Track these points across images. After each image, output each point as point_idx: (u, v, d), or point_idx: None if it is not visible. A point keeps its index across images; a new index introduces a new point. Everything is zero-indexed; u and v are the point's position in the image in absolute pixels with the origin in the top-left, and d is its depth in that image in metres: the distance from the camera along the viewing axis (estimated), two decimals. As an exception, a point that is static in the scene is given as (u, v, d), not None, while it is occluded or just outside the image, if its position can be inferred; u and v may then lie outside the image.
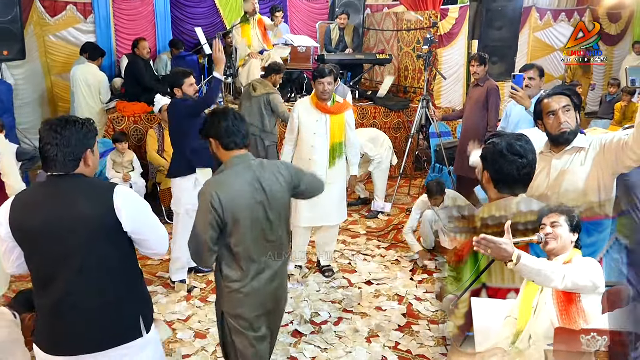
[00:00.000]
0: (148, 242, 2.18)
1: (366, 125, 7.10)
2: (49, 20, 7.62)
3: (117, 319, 2.12)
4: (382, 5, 9.52)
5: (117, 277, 2.11)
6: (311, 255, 4.89)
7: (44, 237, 2.01)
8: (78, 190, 2.05)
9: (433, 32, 6.97)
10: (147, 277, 4.55)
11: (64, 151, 2.01)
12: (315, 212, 4.36)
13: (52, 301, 2.06)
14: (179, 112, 4.12)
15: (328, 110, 4.23)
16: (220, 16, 8.52)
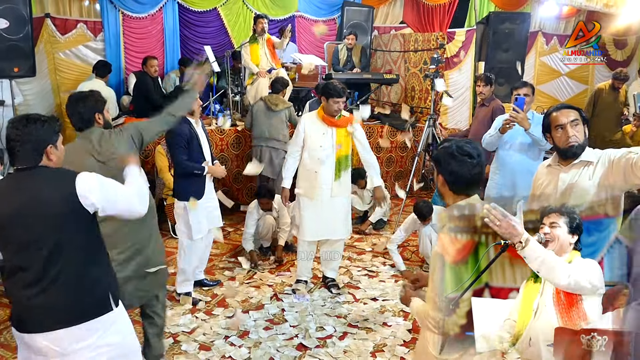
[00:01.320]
0: (125, 212, 2.32)
1: (372, 144, 7.10)
2: (60, 38, 7.72)
3: (88, 296, 2.23)
4: (390, 27, 9.63)
5: (84, 258, 2.23)
6: (316, 271, 4.85)
7: (12, 226, 2.13)
8: (41, 180, 2.17)
9: (440, 53, 7.02)
10: (151, 291, 4.52)
11: (25, 146, 2.14)
12: (320, 226, 4.35)
13: (24, 286, 2.17)
14: (167, 140, 4.23)
15: (334, 123, 4.25)
16: (228, 35, 8.62)
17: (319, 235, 4.41)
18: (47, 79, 7.81)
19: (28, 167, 2.17)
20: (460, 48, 9.76)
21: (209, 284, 4.61)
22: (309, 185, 4.31)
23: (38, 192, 2.14)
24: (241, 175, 6.54)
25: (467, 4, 9.82)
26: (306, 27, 9.21)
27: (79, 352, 2.20)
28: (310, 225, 4.34)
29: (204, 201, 4.20)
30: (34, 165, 2.17)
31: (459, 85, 9.85)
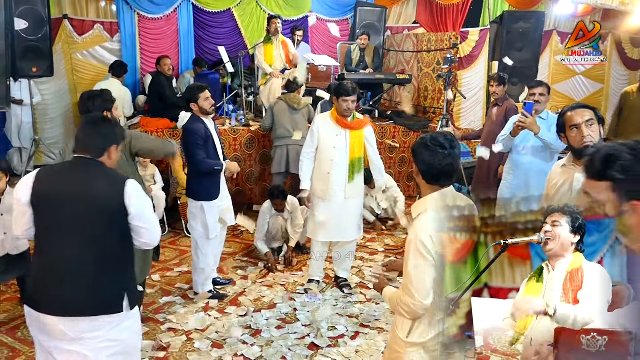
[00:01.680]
0: (144, 231, 2.38)
1: (384, 145, 7.13)
2: (77, 38, 7.85)
3: (109, 291, 2.33)
4: (402, 27, 9.63)
5: (110, 255, 2.33)
6: (328, 271, 4.88)
7: (56, 205, 2.29)
8: (97, 173, 2.35)
9: (453, 53, 7.02)
10: (165, 288, 4.60)
11: (99, 140, 2.37)
12: (333, 227, 4.38)
13: (50, 264, 2.30)
14: (183, 140, 4.24)
15: (348, 125, 4.28)
16: (242, 36, 8.68)
17: (332, 236, 4.44)
18: (65, 79, 7.94)
19: (89, 157, 2.35)
20: (473, 47, 9.74)
21: (222, 283, 4.66)
22: (322, 186, 4.35)
23: (92, 184, 2.31)
24: (253, 174, 6.61)
25: (481, 3, 9.80)
26: (319, 27, 9.23)
27: (87, 341, 2.30)
28: (323, 226, 4.38)
29: (218, 200, 4.25)
30: (95, 157, 2.36)
31: (472, 85, 9.83)
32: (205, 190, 4.19)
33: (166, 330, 3.93)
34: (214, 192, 4.21)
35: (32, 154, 6.90)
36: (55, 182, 2.34)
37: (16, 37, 6.65)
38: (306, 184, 4.40)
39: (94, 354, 2.30)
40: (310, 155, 4.39)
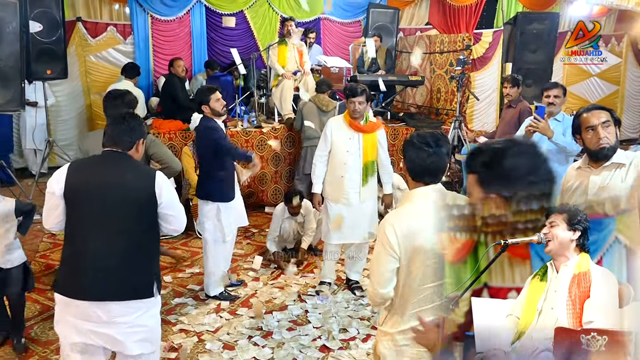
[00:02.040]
0: (173, 218, 2.54)
1: (397, 146, 7.09)
2: (91, 41, 7.92)
3: (139, 277, 2.47)
4: (415, 29, 9.59)
5: (140, 243, 2.48)
6: (340, 273, 4.86)
7: (89, 196, 2.42)
8: (128, 165, 2.51)
9: (466, 55, 6.97)
10: (177, 289, 4.60)
11: (128, 134, 2.51)
12: (347, 230, 4.36)
13: (83, 253, 2.43)
14: (203, 139, 4.23)
15: (361, 128, 4.25)
16: (254, 38, 8.71)
17: (346, 238, 4.42)
18: (78, 81, 8.02)
19: (119, 151, 2.51)
20: (487, 49, 9.69)
21: (234, 284, 4.66)
22: (336, 189, 4.32)
23: (125, 176, 2.47)
24: (266, 176, 6.60)
25: (494, 5, 9.74)
26: (332, 29, 9.24)
27: (119, 325, 2.42)
28: (337, 228, 4.36)
29: (234, 201, 4.25)
30: (125, 150, 2.51)
31: (486, 87, 9.78)
32: (219, 191, 4.18)
33: (178, 331, 3.93)
34: (230, 193, 4.21)
35: (46, 155, 6.96)
36: (88, 175, 2.47)
37: (31, 40, 6.74)
38: (318, 187, 4.40)
39: (123, 337, 2.44)
40: (324, 159, 4.38)
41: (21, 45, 5.70)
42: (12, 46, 5.55)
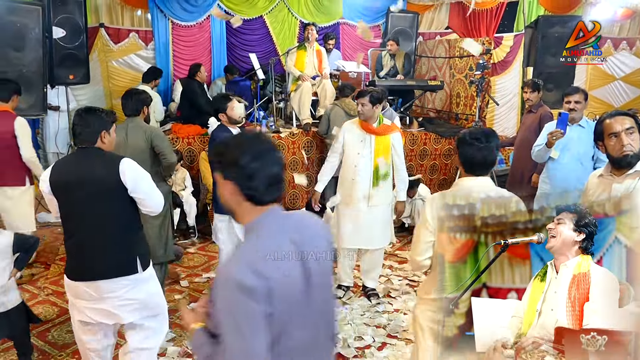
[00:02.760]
0: (144, 201, 2.79)
1: (416, 152, 7.05)
2: (113, 46, 8.00)
3: (120, 257, 2.76)
4: (435, 33, 9.52)
5: (119, 226, 2.76)
6: (357, 279, 4.83)
7: (70, 190, 2.70)
8: (95, 158, 2.74)
9: (486, 59, 6.90)
10: (193, 294, 4.62)
11: (85, 130, 2.73)
12: (359, 234, 4.34)
13: (73, 241, 2.77)
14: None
15: (373, 130, 4.24)
16: (273, 43, 8.71)
17: (357, 243, 4.40)
18: (100, 86, 8.11)
19: (87, 146, 2.74)
20: (508, 53, 9.57)
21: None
22: (347, 193, 4.32)
23: (92, 169, 2.70)
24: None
25: (515, 9, 9.62)
26: (351, 34, 9.22)
27: (111, 300, 2.75)
28: (347, 233, 4.34)
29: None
30: (91, 145, 2.73)
31: (507, 92, 9.66)
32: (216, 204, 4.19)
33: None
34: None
35: (68, 159, 7.05)
36: (65, 172, 2.74)
37: (54, 46, 6.86)
38: (320, 186, 4.45)
39: (116, 310, 2.77)
40: (333, 161, 4.41)
41: (44, 51, 5.80)
42: (34, 52, 5.65)
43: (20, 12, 5.53)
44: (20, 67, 5.51)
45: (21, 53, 5.54)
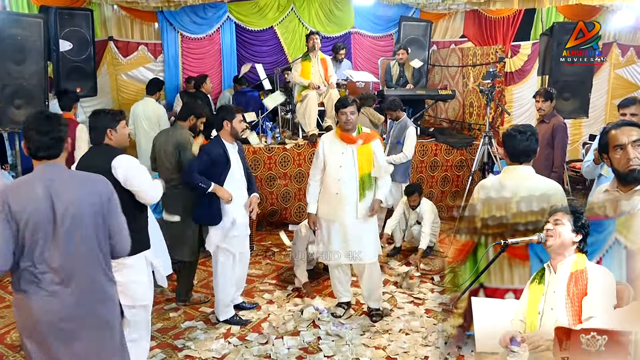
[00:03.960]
0: (138, 193, 3.11)
1: (426, 163, 6.83)
2: (122, 60, 8.00)
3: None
4: (449, 42, 9.31)
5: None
6: (359, 296, 4.62)
7: None
8: (100, 152, 3.10)
9: (499, 68, 6.67)
10: (189, 312, 4.47)
11: (93, 130, 3.15)
12: (346, 250, 4.13)
13: None
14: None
15: (353, 140, 4.05)
16: (284, 53, 8.62)
17: (346, 259, 4.19)
18: (109, 98, 8.09)
19: (97, 144, 3.13)
20: (525, 62, 9.31)
21: (246, 307, 4.49)
22: (331, 207, 4.12)
23: (94, 163, 2.99)
24: (289, 194, 6.45)
25: (533, 16, 9.37)
26: (362, 43, 9.07)
27: None
28: (335, 249, 4.15)
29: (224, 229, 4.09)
30: (100, 143, 3.12)
31: (524, 101, 9.39)
32: (205, 213, 4.05)
33: (183, 357, 3.78)
34: (216, 216, 4.03)
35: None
36: (79, 166, 3.05)
37: (61, 59, 6.86)
38: (312, 207, 4.22)
39: None
40: (317, 178, 4.21)
41: (45, 64, 5.75)
42: (36, 65, 5.61)
43: (21, 25, 5.51)
44: (21, 80, 5.48)
45: (22, 66, 5.51)
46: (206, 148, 4.04)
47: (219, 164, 3.97)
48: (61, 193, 2.31)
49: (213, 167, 3.96)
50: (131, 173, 3.04)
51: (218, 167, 3.97)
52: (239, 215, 4.08)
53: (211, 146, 4.05)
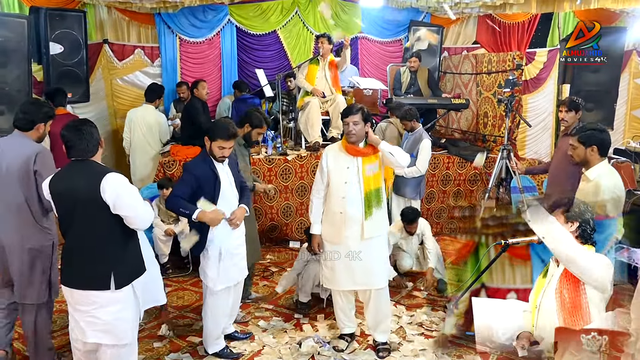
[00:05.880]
0: (128, 219, 2.77)
1: (438, 177, 6.38)
2: (117, 63, 7.60)
3: (91, 270, 2.75)
4: (461, 48, 8.87)
5: (98, 238, 2.76)
6: (363, 326, 4.17)
7: (60, 199, 2.79)
8: (84, 171, 2.75)
9: (517, 75, 6.23)
10: (176, 341, 4.04)
11: (88, 143, 2.76)
12: (353, 275, 3.71)
13: (65, 246, 2.86)
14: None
15: (360, 152, 3.62)
16: (287, 58, 8.21)
17: (352, 285, 3.76)
18: (104, 104, 7.71)
19: (79, 159, 2.77)
20: (541, 70, 8.85)
21: (239, 338, 4.05)
22: (335, 229, 3.69)
23: (79, 180, 2.72)
24: (290, 208, 6.03)
25: (550, 22, 8.93)
26: (370, 49, 8.65)
27: (80, 313, 2.80)
28: (340, 273, 3.72)
29: (232, 248, 3.66)
30: (88, 157, 2.78)
31: (540, 111, 8.94)
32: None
33: (164, 397, 3.36)
34: (202, 242, 3.56)
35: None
36: (59, 183, 2.78)
37: (51, 62, 6.48)
38: (317, 228, 3.79)
39: (84, 325, 2.80)
40: (321, 195, 3.76)
41: (29, 68, 5.38)
42: (19, 69, 5.23)
43: (4, 25, 5.13)
44: (3, 84, 5.08)
45: (4, 69, 5.12)
46: (190, 166, 3.59)
47: (206, 184, 3.51)
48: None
49: (199, 188, 3.50)
50: (121, 195, 2.69)
51: (204, 187, 3.51)
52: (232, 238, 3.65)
53: (196, 163, 3.59)
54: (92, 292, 2.74)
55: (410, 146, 5.40)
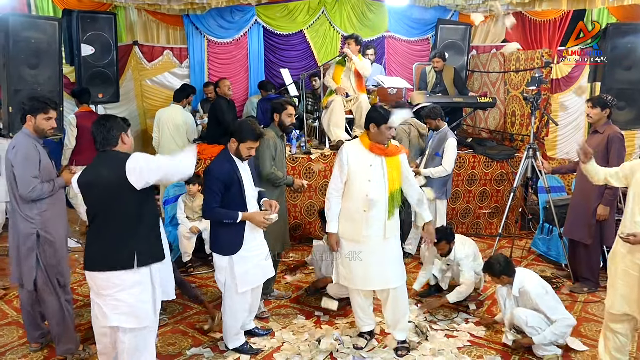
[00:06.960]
0: (168, 175, 2.93)
1: (463, 176, 6.31)
2: (146, 65, 7.78)
3: (118, 249, 2.91)
4: (490, 47, 8.73)
5: (124, 220, 2.93)
6: (383, 325, 4.15)
7: (87, 190, 2.99)
8: (108, 159, 2.95)
9: (545, 73, 6.11)
10: (197, 336, 4.10)
11: (106, 135, 2.95)
12: (372, 273, 3.69)
13: (89, 232, 3.04)
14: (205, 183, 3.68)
15: (385, 151, 3.61)
16: (314, 58, 8.25)
17: (372, 284, 3.75)
18: (134, 104, 7.89)
19: (105, 149, 2.96)
20: (573, 68, 8.64)
21: (259, 334, 4.09)
22: (356, 227, 3.67)
23: (105, 169, 2.91)
24: (314, 207, 6.05)
25: (582, 18, 8.71)
26: (397, 48, 8.61)
27: (103, 297, 2.95)
28: (359, 273, 3.71)
29: (253, 249, 3.70)
30: (111, 148, 2.96)
31: (572, 110, 8.72)
32: (227, 243, 3.64)
33: (184, 390, 3.42)
34: (236, 244, 3.62)
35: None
36: (83, 174, 3.01)
37: (83, 64, 6.67)
38: (334, 226, 3.75)
39: (107, 310, 2.95)
40: (340, 192, 3.73)
41: (60, 69, 5.53)
42: (51, 69, 5.39)
43: (36, 27, 5.29)
44: (35, 85, 5.24)
45: (36, 70, 5.28)
46: (213, 170, 3.61)
47: (231, 186, 3.57)
48: None
49: (227, 190, 3.56)
50: (145, 168, 2.84)
51: (231, 188, 3.57)
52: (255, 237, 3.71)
53: (219, 166, 3.61)
54: (115, 273, 2.88)
55: (435, 145, 5.36)
